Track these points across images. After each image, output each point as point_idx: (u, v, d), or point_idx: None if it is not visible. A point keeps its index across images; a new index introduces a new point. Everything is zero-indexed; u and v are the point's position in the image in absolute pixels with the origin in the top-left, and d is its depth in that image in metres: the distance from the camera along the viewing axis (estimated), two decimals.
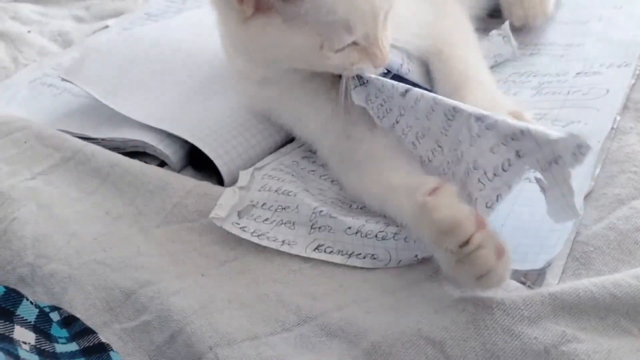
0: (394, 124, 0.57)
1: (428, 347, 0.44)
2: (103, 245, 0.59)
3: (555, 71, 0.74)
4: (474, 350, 0.43)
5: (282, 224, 0.58)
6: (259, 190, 0.62)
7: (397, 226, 0.53)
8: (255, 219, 0.59)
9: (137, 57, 0.82)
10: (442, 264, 0.47)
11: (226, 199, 0.60)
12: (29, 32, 1.02)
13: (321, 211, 0.57)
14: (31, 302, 0.51)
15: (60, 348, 0.50)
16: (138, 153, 0.71)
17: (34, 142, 0.72)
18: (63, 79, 0.80)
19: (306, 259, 0.55)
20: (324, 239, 0.56)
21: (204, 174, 0.68)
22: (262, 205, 0.61)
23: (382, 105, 0.58)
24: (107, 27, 1.03)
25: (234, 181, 0.65)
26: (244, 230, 0.58)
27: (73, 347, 0.50)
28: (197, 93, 0.74)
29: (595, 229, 0.53)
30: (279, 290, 0.52)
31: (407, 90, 0.55)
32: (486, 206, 0.47)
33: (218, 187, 0.63)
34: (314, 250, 0.56)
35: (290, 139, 0.70)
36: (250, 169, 0.64)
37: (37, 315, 0.51)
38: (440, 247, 0.45)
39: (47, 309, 0.53)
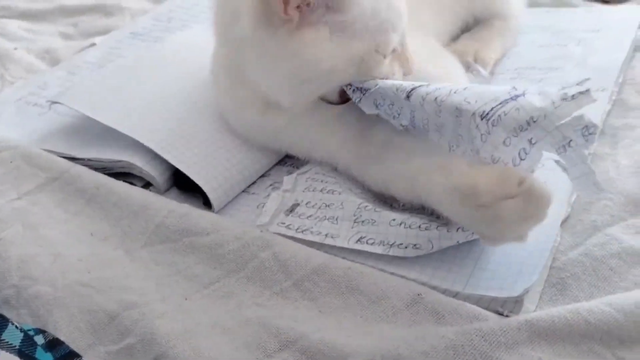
0: (411, 119, 0.57)
1: None
2: (88, 267, 0.59)
3: None
4: None
5: (325, 219, 0.61)
6: (304, 191, 0.65)
7: (438, 218, 0.56)
8: (299, 216, 0.62)
9: (128, 78, 0.82)
10: (492, 228, 0.49)
11: (271, 204, 0.64)
12: (15, 49, 1.02)
13: (366, 206, 0.60)
14: (16, 327, 0.52)
15: None
16: (124, 174, 0.71)
17: (20, 162, 0.72)
18: (52, 103, 0.79)
19: (287, 278, 0.55)
20: (367, 231, 0.58)
21: (189, 195, 0.68)
22: (307, 203, 0.63)
23: (392, 106, 0.58)
24: (94, 44, 1.03)
25: (221, 205, 0.66)
26: (289, 229, 0.61)
27: None
28: (185, 117, 0.74)
29: (572, 255, 0.54)
30: (261, 314, 0.53)
31: (409, 94, 0.55)
32: None
33: (199, 209, 0.64)
34: (357, 242, 0.57)
35: (276, 163, 0.72)
36: (294, 174, 0.67)
37: (22, 340, 0.51)
38: (493, 206, 0.47)
39: (31, 332, 0.53)
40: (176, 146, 0.70)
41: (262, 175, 0.71)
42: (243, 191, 0.69)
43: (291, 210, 0.63)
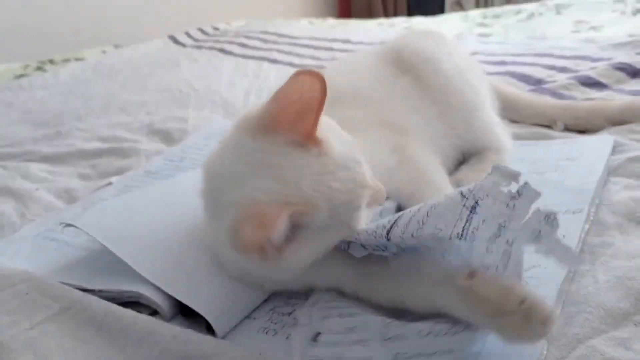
0: (399, 249, 0.62)
1: None
2: None
3: None
4: None
5: (353, 343, 0.62)
6: (322, 320, 0.66)
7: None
8: (326, 346, 0.63)
9: (138, 210, 0.88)
10: (505, 333, 0.54)
11: (294, 344, 0.64)
12: (37, 189, 1.10)
13: (389, 322, 0.62)
14: None
15: None
16: (131, 302, 0.75)
17: (34, 294, 0.76)
18: (66, 225, 0.84)
19: None
20: (399, 347, 0.59)
21: (192, 320, 0.71)
22: (329, 331, 0.64)
23: (378, 247, 0.64)
24: (110, 183, 1.10)
25: (225, 331, 0.69)
26: None
27: None
28: (189, 251, 0.78)
29: None
30: None
31: (388, 237, 0.60)
32: None
33: (202, 334, 0.67)
34: None
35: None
36: (306, 308, 0.69)
37: None
38: (499, 317, 0.53)
39: None
40: (179, 278, 0.74)
41: (264, 301, 0.75)
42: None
43: (314, 339, 0.64)
